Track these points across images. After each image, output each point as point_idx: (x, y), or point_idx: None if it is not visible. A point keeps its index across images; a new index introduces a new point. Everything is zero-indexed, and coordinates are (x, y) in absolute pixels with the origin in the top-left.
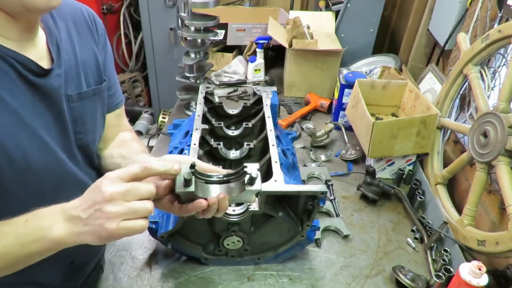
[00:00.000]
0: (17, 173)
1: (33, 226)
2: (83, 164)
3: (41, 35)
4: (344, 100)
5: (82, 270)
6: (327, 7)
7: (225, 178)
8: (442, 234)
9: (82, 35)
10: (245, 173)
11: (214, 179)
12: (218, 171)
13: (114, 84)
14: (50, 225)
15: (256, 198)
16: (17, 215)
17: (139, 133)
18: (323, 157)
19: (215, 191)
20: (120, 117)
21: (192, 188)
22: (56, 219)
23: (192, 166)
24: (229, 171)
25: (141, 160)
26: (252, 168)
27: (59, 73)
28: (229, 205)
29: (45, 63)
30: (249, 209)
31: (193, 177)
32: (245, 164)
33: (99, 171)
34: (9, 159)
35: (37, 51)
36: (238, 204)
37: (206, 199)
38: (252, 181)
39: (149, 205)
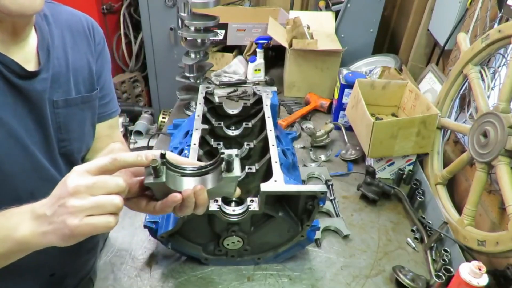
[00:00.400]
0: None
1: None
2: (66, 172)
3: (32, 39)
4: (344, 100)
5: (64, 283)
6: (327, 7)
7: (201, 170)
8: (442, 234)
9: (77, 43)
10: (222, 160)
11: (188, 171)
12: (193, 163)
13: (110, 93)
14: (16, 225)
15: (250, 198)
16: None
17: (139, 133)
18: (323, 157)
19: (189, 184)
20: (113, 128)
21: (162, 179)
22: (23, 218)
23: (162, 155)
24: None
25: None
26: (229, 153)
27: (45, 77)
28: (211, 200)
29: (31, 67)
30: (249, 209)
31: (164, 167)
32: (222, 151)
33: None
34: None
35: (24, 54)
36: (238, 204)
37: (180, 192)
38: (229, 166)
39: (117, 200)
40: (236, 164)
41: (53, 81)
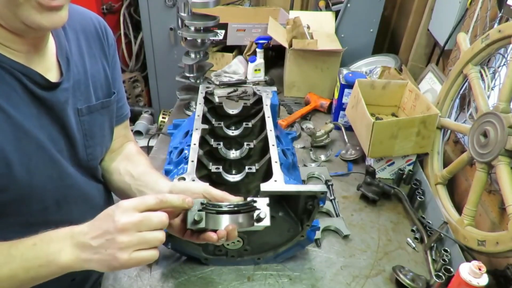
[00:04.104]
0: (19, 189)
1: (40, 251)
2: (90, 177)
3: (51, 46)
4: (344, 100)
5: (81, 287)
6: (327, 7)
7: (235, 208)
8: (442, 234)
9: (92, 47)
10: (255, 208)
11: (224, 209)
12: (228, 199)
13: (123, 96)
14: (58, 251)
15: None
16: (18, 230)
17: (139, 133)
18: (323, 157)
19: (225, 222)
20: (127, 128)
21: (202, 225)
22: (64, 245)
23: (202, 203)
24: (239, 199)
25: (151, 185)
26: (262, 204)
27: (67, 87)
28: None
29: (53, 76)
30: None
31: (203, 212)
32: (254, 199)
33: (104, 183)
34: (13, 175)
35: (45, 63)
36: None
37: (215, 231)
38: (259, 220)
39: (161, 235)
40: (267, 213)
41: (75, 89)
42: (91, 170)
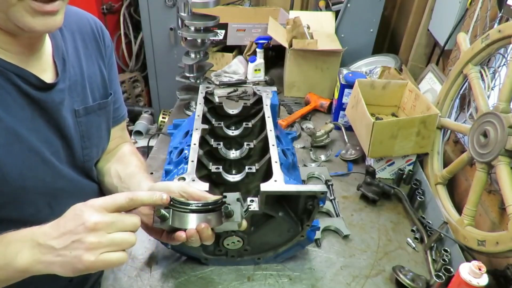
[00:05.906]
0: (11, 193)
1: None
2: (86, 178)
3: (47, 47)
4: (344, 100)
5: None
6: (327, 7)
7: (202, 207)
8: (442, 234)
9: (88, 48)
10: (223, 203)
11: (192, 207)
12: (206, 197)
13: (120, 97)
14: (15, 253)
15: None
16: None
17: (139, 133)
18: (323, 157)
19: (192, 221)
20: (124, 130)
21: (168, 223)
22: (22, 247)
23: (169, 200)
24: (217, 198)
25: (133, 187)
26: (232, 200)
27: (63, 87)
28: (215, 233)
29: (49, 76)
30: (249, 209)
31: (171, 210)
32: (225, 194)
33: (98, 183)
34: (4, 178)
35: (41, 64)
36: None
37: (185, 230)
38: (228, 215)
39: (132, 238)
40: (237, 209)
41: (71, 90)
42: (86, 171)
